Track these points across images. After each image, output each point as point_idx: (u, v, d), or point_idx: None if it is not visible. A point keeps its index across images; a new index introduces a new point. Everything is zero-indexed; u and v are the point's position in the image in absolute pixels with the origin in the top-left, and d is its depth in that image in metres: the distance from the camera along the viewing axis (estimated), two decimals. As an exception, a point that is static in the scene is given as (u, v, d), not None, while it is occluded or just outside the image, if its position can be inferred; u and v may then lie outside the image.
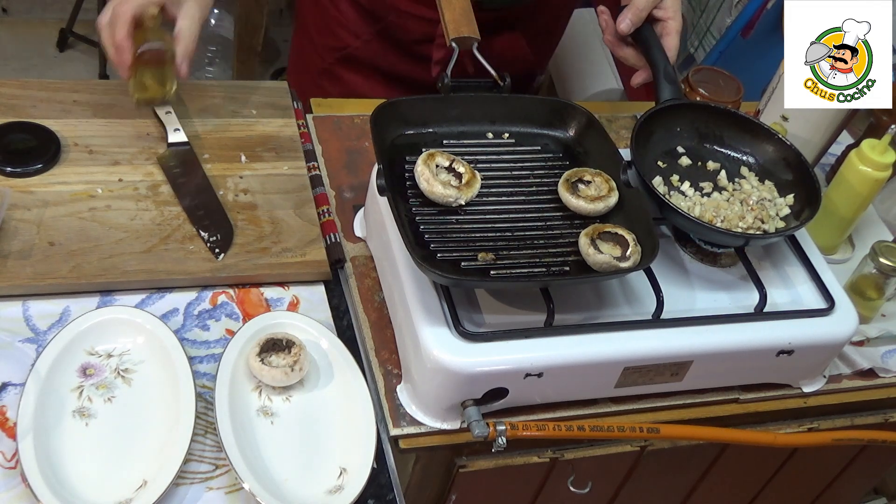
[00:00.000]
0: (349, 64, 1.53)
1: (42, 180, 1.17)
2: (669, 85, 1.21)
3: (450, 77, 1.11)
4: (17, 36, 2.87)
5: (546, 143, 1.18)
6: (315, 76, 1.56)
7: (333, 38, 1.52)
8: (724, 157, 1.23)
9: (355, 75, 1.53)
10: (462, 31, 1.13)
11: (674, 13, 1.24)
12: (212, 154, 1.25)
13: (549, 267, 1.03)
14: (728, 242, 1.15)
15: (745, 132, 1.24)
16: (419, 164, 1.05)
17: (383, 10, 1.45)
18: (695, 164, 1.22)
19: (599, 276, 1.04)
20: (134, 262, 1.10)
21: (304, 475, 0.99)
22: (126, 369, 1.03)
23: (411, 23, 1.44)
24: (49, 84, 1.28)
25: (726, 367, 1.14)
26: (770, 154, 1.22)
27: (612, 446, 1.22)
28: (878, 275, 1.23)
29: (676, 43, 1.25)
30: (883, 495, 1.97)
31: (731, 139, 1.24)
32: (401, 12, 1.43)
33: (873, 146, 1.24)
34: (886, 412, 1.32)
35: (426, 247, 1.02)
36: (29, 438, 0.92)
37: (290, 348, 1.04)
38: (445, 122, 1.14)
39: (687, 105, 1.24)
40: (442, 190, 1.04)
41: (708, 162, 1.22)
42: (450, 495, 1.21)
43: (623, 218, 1.09)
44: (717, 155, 1.23)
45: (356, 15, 1.48)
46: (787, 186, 1.20)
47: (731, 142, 1.24)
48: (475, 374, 1.00)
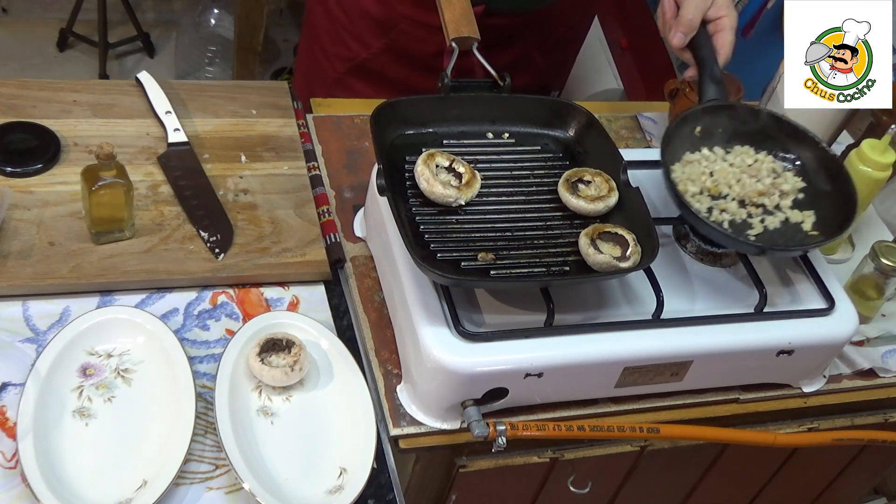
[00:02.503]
0: (361, 74, 1.51)
1: (42, 180, 1.17)
2: (714, 85, 1.19)
3: (450, 77, 1.11)
4: (17, 36, 2.87)
5: (546, 143, 1.18)
6: (326, 85, 1.54)
7: (345, 48, 1.50)
8: (762, 159, 1.19)
9: (367, 86, 1.51)
10: (462, 30, 1.13)
11: (727, 10, 1.20)
12: (212, 154, 1.25)
13: (549, 267, 1.03)
14: (746, 251, 1.14)
15: (787, 137, 1.19)
16: (419, 164, 1.05)
17: (394, 20, 1.43)
18: (730, 164, 1.18)
19: (599, 276, 1.04)
20: (134, 262, 1.10)
21: (304, 475, 0.99)
22: (126, 369, 1.03)
23: (422, 33, 1.42)
24: (49, 84, 1.28)
25: (726, 367, 1.14)
26: (810, 161, 1.18)
27: (612, 446, 1.22)
28: (878, 275, 1.23)
29: (732, 38, 1.21)
30: (883, 495, 1.97)
31: (772, 144, 1.20)
32: (411, 22, 1.42)
33: (873, 146, 1.24)
34: (886, 412, 1.32)
35: (426, 247, 1.02)
36: (29, 438, 0.92)
37: (290, 348, 1.04)
38: (445, 122, 1.14)
39: (728, 107, 1.20)
40: (442, 190, 1.04)
41: (743, 165, 1.18)
42: (450, 495, 1.21)
43: (623, 218, 1.09)
44: (755, 156, 1.19)
45: (367, 25, 1.46)
46: (824, 195, 1.16)
47: (772, 146, 1.20)
48: (475, 374, 1.00)
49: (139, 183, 1.18)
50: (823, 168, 1.17)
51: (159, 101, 1.28)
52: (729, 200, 1.14)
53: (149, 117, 1.27)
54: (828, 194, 1.16)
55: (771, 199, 1.14)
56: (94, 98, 1.28)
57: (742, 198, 1.13)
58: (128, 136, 1.24)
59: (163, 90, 1.29)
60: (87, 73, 2.80)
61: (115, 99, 1.29)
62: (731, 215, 1.12)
